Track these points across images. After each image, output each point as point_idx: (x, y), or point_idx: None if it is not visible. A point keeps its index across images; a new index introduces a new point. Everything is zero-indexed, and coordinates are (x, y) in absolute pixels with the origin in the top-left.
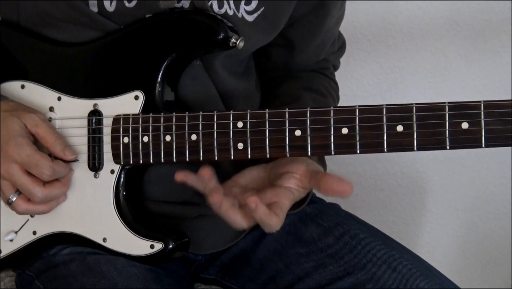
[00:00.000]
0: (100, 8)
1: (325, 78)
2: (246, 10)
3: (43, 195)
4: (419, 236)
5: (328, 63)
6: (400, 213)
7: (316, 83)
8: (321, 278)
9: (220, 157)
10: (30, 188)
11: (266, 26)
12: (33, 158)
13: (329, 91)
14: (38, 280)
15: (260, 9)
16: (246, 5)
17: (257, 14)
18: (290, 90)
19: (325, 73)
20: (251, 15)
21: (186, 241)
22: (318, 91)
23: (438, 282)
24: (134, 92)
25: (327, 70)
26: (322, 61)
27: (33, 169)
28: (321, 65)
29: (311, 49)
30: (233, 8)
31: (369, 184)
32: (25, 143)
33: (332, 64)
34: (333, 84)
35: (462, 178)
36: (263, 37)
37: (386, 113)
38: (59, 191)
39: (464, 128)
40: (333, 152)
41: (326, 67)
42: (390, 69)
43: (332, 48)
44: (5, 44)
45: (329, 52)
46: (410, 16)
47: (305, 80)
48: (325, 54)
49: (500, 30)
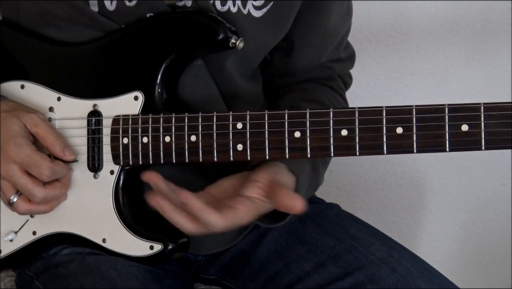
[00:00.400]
0: (101, 8)
1: (331, 91)
2: (254, 6)
3: (43, 195)
4: (419, 236)
5: (333, 72)
6: (400, 213)
7: (319, 95)
8: (321, 279)
9: (219, 158)
10: (30, 188)
11: (274, 23)
12: (32, 158)
13: (333, 103)
14: (38, 280)
15: (268, 4)
16: (253, 0)
17: (266, 10)
18: (291, 102)
19: (332, 86)
20: (259, 10)
21: (185, 242)
22: (322, 103)
23: (437, 282)
24: (134, 92)
25: (333, 83)
26: (325, 68)
27: (33, 169)
28: (324, 72)
29: (310, 49)
30: (238, 4)
31: (369, 184)
32: (24, 144)
33: (339, 76)
34: (339, 98)
35: (462, 178)
36: (271, 35)
37: (385, 115)
38: (59, 191)
39: (464, 130)
40: (333, 154)
41: (332, 77)
42: (390, 69)
43: (335, 54)
44: (5, 44)
45: (332, 58)
46: (410, 16)
47: (307, 92)
48: (327, 58)
49: (500, 30)
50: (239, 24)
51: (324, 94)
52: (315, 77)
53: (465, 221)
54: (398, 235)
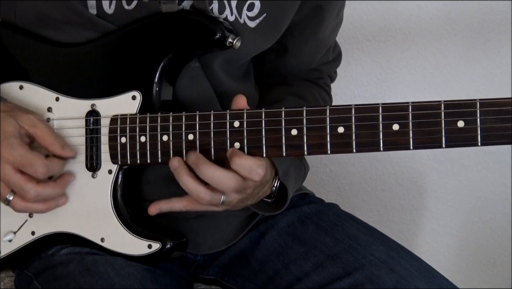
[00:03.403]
0: (99, 10)
1: (316, 88)
2: (248, 16)
3: (36, 192)
4: (419, 236)
5: (321, 73)
6: (400, 213)
7: (304, 91)
8: (320, 279)
9: (217, 156)
10: (23, 184)
11: (267, 32)
12: (26, 157)
13: (316, 99)
14: (37, 280)
15: (262, 15)
16: (248, 11)
17: (259, 20)
18: (276, 95)
19: (318, 83)
20: (253, 21)
21: (184, 241)
22: (304, 98)
23: (437, 282)
24: (132, 92)
25: (320, 80)
26: (314, 71)
27: (27, 168)
28: (313, 75)
29: (303, 56)
30: (235, 13)
31: (369, 184)
32: (16, 144)
33: (327, 75)
34: (324, 95)
35: (462, 178)
36: (264, 42)
37: (382, 112)
38: (53, 190)
39: (459, 126)
40: (329, 151)
41: (320, 77)
42: (390, 69)
43: (325, 58)
44: (3, 45)
45: (322, 61)
46: (410, 16)
47: (294, 87)
48: (318, 63)
49: (500, 30)
50: (236, 31)
51: (309, 90)
52: (304, 78)
53: (465, 221)
54: (398, 235)
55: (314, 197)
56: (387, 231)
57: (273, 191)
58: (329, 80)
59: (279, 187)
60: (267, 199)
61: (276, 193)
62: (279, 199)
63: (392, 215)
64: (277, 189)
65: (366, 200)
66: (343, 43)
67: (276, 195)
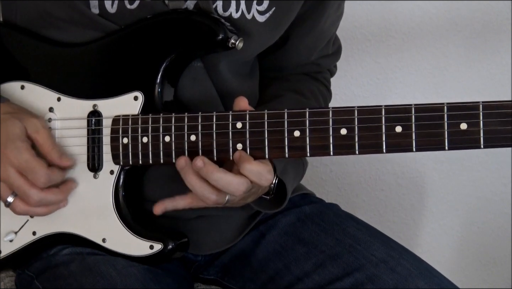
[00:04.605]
0: (101, 10)
1: (315, 82)
2: (258, 10)
3: (39, 198)
4: (419, 236)
5: (320, 67)
6: (400, 213)
7: (301, 85)
8: (320, 279)
9: (219, 157)
10: (26, 189)
11: (275, 26)
12: (30, 163)
13: (315, 94)
14: (38, 280)
15: (271, 9)
16: (258, 5)
17: (269, 14)
18: (274, 91)
19: (317, 77)
20: (263, 15)
21: (185, 242)
22: (302, 94)
23: (437, 282)
24: (134, 93)
25: (319, 75)
26: (313, 65)
27: (29, 174)
28: (313, 68)
29: (303, 48)
30: (242, 9)
31: (369, 184)
32: (23, 148)
33: (326, 69)
34: (323, 89)
35: (462, 178)
36: (270, 37)
37: (384, 114)
38: (55, 197)
39: (462, 129)
40: (332, 153)
41: (318, 71)
42: (390, 69)
43: (325, 51)
44: (5, 45)
45: (322, 54)
46: (410, 16)
47: (291, 82)
48: (317, 56)
49: (500, 30)
50: (242, 29)
51: (307, 84)
52: (303, 72)
53: (465, 221)
54: (398, 235)
55: (314, 197)
56: (387, 231)
57: (271, 188)
58: (328, 75)
59: (278, 184)
60: (266, 196)
61: (274, 190)
62: (278, 196)
63: (392, 215)
64: (276, 186)
65: (366, 200)
66: (343, 43)
67: (275, 192)
